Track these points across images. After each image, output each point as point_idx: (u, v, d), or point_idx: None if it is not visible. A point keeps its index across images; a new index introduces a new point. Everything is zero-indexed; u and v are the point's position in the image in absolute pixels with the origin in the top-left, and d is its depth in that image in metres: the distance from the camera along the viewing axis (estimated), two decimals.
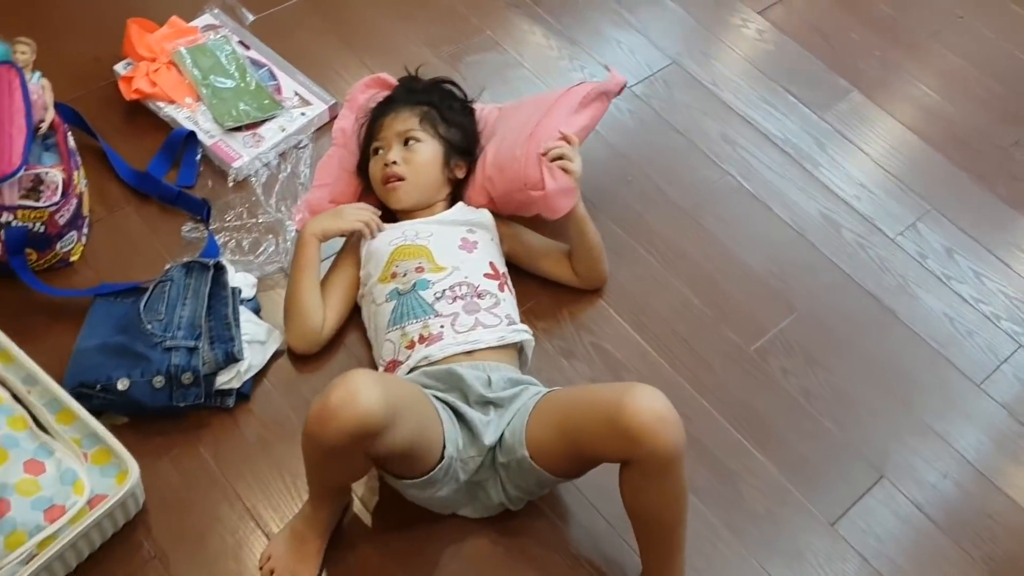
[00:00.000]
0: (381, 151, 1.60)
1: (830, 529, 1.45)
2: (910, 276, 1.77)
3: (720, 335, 1.64)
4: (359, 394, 1.11)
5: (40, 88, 1.57)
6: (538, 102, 1.66)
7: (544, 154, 1.53)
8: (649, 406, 1.17)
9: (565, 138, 1.55)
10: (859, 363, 1.64)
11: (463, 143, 1.63)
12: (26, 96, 1.49)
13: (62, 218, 1.51)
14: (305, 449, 1.24)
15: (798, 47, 2.14)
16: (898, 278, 1.77)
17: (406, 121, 1.60)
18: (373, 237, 1.56)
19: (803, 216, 1.83)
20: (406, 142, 1.59)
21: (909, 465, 1.53)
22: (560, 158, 1.52)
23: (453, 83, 1.71)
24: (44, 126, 1.55)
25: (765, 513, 1.46)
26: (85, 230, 1.62)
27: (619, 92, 1.67)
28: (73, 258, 1.59)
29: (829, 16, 2.22)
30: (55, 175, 1.51)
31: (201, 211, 1.65)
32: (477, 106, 1.72)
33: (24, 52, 1.58)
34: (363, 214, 1.57)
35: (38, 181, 1.51)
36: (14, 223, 1.46)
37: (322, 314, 1.52)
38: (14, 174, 1.43)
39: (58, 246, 1.55)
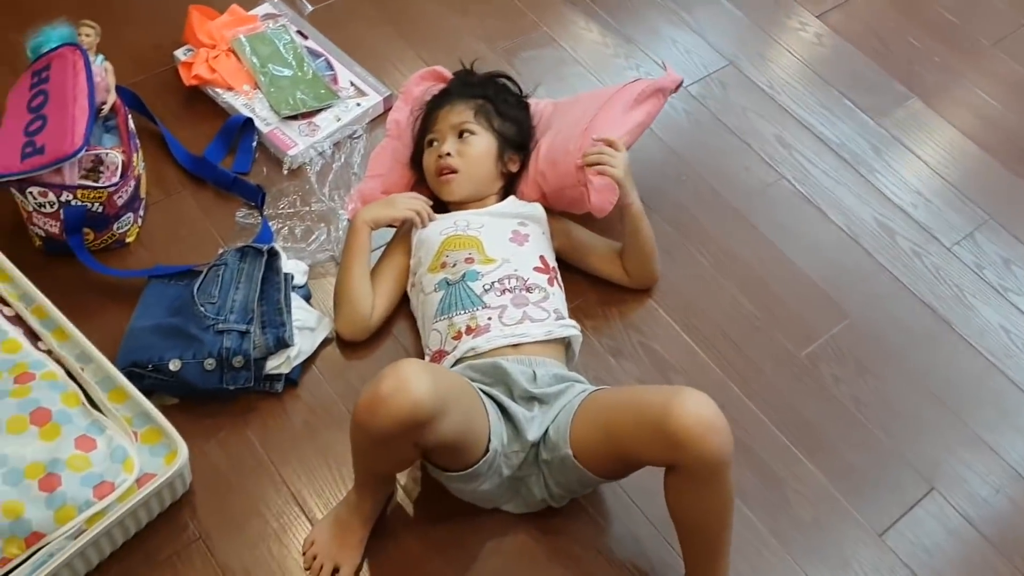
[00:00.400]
0: (435, 143, 1.60)
1: (878, 540, 1.42)
2: (966, 286, 1.74)
3: (771, 339, 1.62)
4: (409, 383, 1.11)
5: (103, 71, 1.60)
6: (593, 97, 1.66)
7: (582, 162, 1.52)
8: (697, 412, 1.15)
9: (608, 143, 1.52)
10: (911, 372, 1.61)
11: (517, 137, 1.63)
12: (90, 78, 1.51)
13: (120, 199, 1.53)
14: (353, 437, 1.24)
15: (856, 51, 2.11)
16: (954, 288, 1.73)
17: (461, 113, 1.60)
18: (424, 226, 1.56)
19: (858, 222, 1.81)
20: (461, 134, 1.59)
21: (960, 477, 1.50)
22: (597, 164, 1.50)
23: (508, 77, 1.71)
24: (106, 108, 1.58)
25: (812, 521, 1.43)
26: (141, 212, 1.64)
27: (675, 90, 1.66)
28: (129, 239, 1.61)
29: (889, 21, 2.19)
30: (115, 156, 1.54)
31: (256, 198, 1.67)
32: (532, 101, 1.72)
33: (88, 35, 1.61)
34: (415, 203, 1.57)
35: (98, 162, 1.53)
36: (74, 202, 1.48)
37: (371, 302, 1.52)
38: (75, 154, 1.45)
39: (115, 227, 1.57)
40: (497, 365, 1.36)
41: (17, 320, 1.41)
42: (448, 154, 1.57)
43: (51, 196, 1.47)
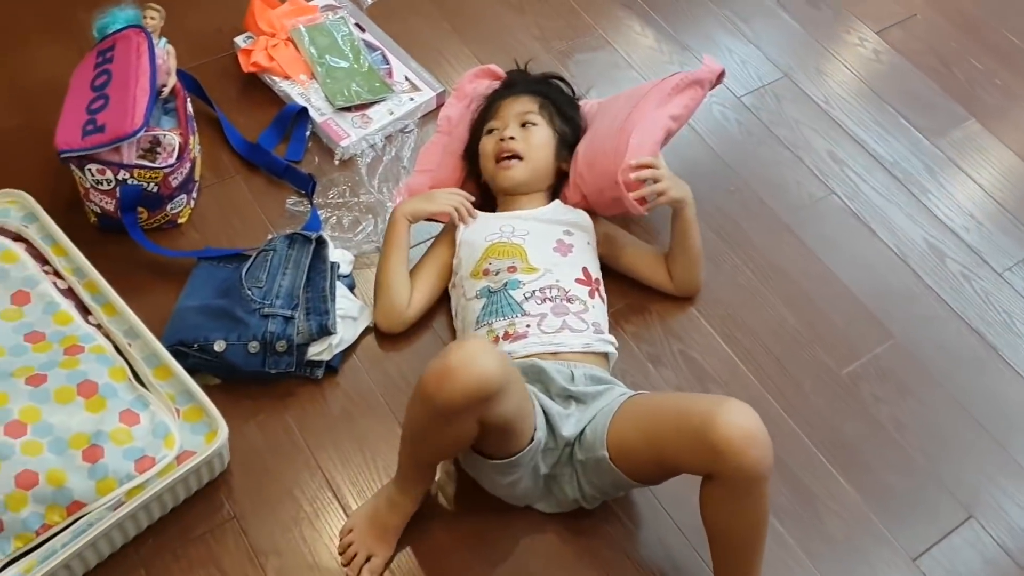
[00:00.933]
0: (496, 131, 1.61)
1: (911, 564, 1.41)
2: (1016, 313, 1.71)
3: (812, 355, 1.61)
4: (477, 356, 1.13)
5: (165, 53, 1.62)
6: (631, 95, 1.65)
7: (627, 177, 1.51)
8: (740, 422, 1.15)
9: (646, 165, 1.50)
10: (955, 397, 1.59)
11: (571, 139, 1.63)
12: (152, 60, 1.54)
13: (175, 180, 1.56)
14: (414, 414, 1.23)
15: (915, 70, 2.09)
16: (1003, 315, 1.70)
17: (525, 104, 1.61)
18: (463, 222, 1.57)
19: (907, 242, 1.78)
20: (523, 124, 1.59)
21: (1000, 507, 1.48)
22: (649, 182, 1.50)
23: (563, 79, 1.71)
24: (166, 90, 1.60)
25: (844, 540, 1.42)
26: (194, 194, 1.67)
27: (717, 82, 1.65)
28: (181, 220, 1.64)
29: (951, 41, 2.16)
30: (172, 138, 1.56)
31: (306, 186, 1.69)
32: (581, 103, 1.72)
33: (154, 18, 1.64)
34: (454, 198, 1.58)
35: (156, 143, 1.56)
36: (130, 181, 1.51)
37: (408, 294, 1.53)
38: (135, 134, 1.48)
39: (168, 207, 1.60)
40: (534, 364, 1.36)
41: (70, 293, 1.44)
42: (511, 137, 1.57)
43: (108, 174, 1.50)
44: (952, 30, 2.18)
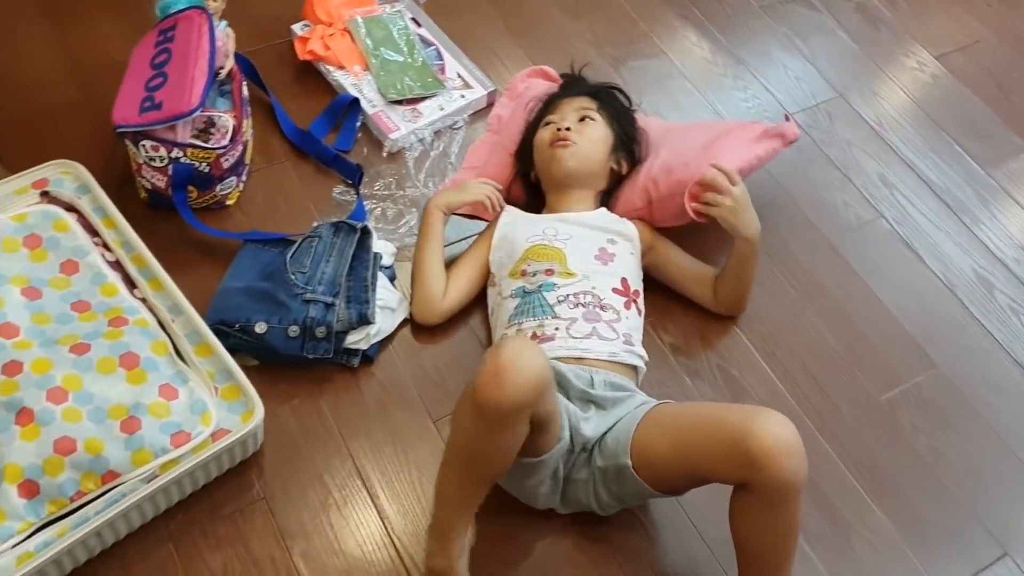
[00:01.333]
0: (554, 123, 1.61)
1: None
2: None
3: (852, 379, 1.59)
4: (526, 350, 1.13)
5: (225, 36, 1.64)
6: (713, 126, 1.68)
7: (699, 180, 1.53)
8: (777, 432, 1.15)
9: (726, 172, 1.51)
10: (995, 431, 1.56)
11: (628, 144, 1.63)
12: (212, 41, 1.55)
13: (227, 162, 1.57)
14: (467, 432, 1.16)
15: (974, 97, 2.06)
16: None
17: (584, 101, 1.63)
18: (495, 210, 1.58)
19: (955, 271, 1.76)
20: (582, 119, 1.60)
21: None
22: (709, 193, 1.51)
23: (619, 89, 1.71)
24: (223, 73, 1.62)
25: (874, 568, 1.40)
26: (244, 177, 1.68)
27: (792, 142, 1.66)
28: (229, 202, 1.66)
29: (1013, 69, 2.12)
30: (227, 120, 1.58)
31: (354, 176, 1.69)
32: (639, 115, 1.72)
33: (216, 0, 1.65)
34: (486, 188, 1.60)
35: (210, 124, 1.58)
36: (183, 160, 1.53)
37: (443, 286, 1.54)
38: (191, 113, 1.50)
39: (218, 188, 1.61)
40: (555, 367, 1.35)
41: (117, 266, 1.45)
42: (568, 128, 1.57)
43: (162, 151, 1.51)
44: (1015, 59, 2.15)
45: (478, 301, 1.60)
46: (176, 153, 1.52)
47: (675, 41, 2.07)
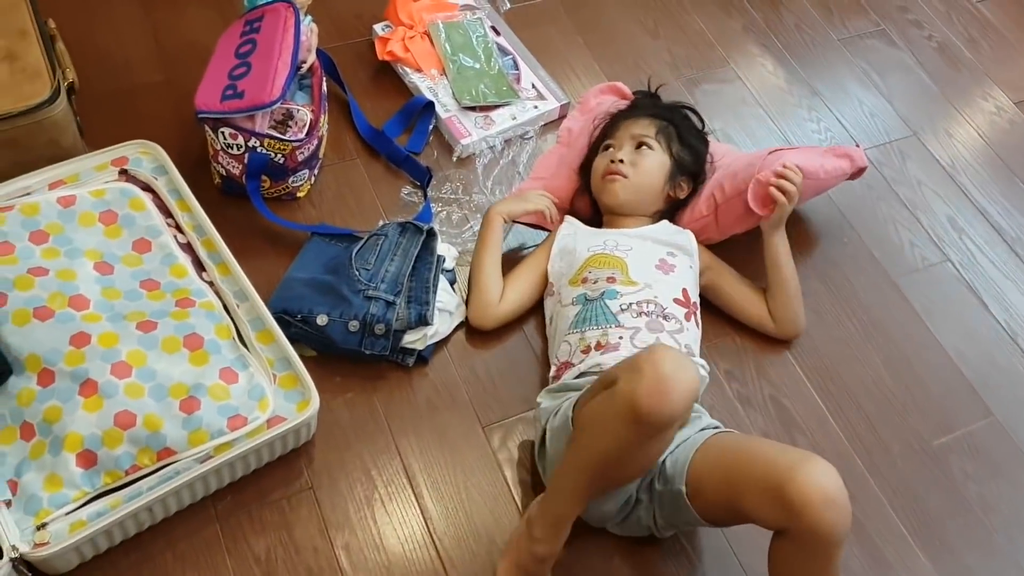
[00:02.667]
0: (611, 148, 1.62)
1: None
2: None
3: (905, 421, 1.57)
4: (685, 360, 1.14)
5: (309, 31, 1.67)
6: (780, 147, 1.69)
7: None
8: (820, 483, 1.12)
9: (791, 169, 1.54)
10: None
11: (693, 166, 1.63)
12: (297, 35, 1.58)
13: (301, 155, 1.60)
14: (620, 434, 1.16)
15: None
16: None
17: (643, 127, 1.63)
18: (551, 222, 1.61)
19: (1020, 321, 1.73)
20: (638, 146, 1.60)
21: None
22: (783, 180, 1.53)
23: (694, 110, 1.71)
24: (305, 67, 1.65)
25: None
26: (316, 171, 1.71)
27: (858, 174, 1.66)
28: (300, 194, 1.68)
29: None
30: (305, 114, 1.61)
31: (423, 178, 1.72)
32: (711, 139, 1.72)
33: None
34: (544, 200, 1.62)
35: (288, 116, 1.61)
36: (259, 149, 1.56)
37: (499, 291, 1.55)
38: (271, 104, 1.53)
39: (290, 180, 1.64)
40: None
41: (188, 248, 1.49)
42: (620, 160, 1.59)
43: (240, 139, 1.55)
44: None
45: (534, 310, 1.61)
46: (253, 142, 1.55)
47: (752, 68, 2.06)
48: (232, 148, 1.56)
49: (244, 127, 1.55)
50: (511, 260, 1.66)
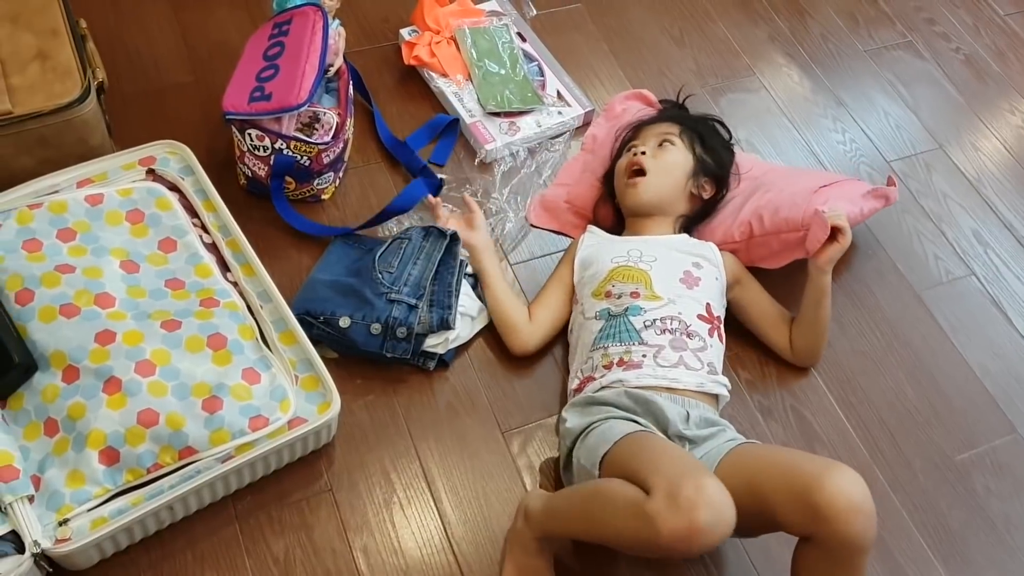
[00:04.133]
0: (634, 148, 1.62)
1: None
2: None
3: (927, 435, 1.56)
4: (724, 511, 1.09)
5: (337, 35, 1.68)
6: (817, 174, 1.71)
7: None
8: (848, 490, 1.12)
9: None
10: None
11: (716, 169, 1.63)
12: (325, 39, 1.59)
13: (327, 158, 1.61)
14: (636, 545, 1.16)
15: None
16: None
17: (667, 127, 1.63)
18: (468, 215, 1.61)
19: None
20: (661, 144, 1.60)
21: None
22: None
23: (721, 122, 1.71)
24: (332, 70, 1.66)
25: None
26: (341, 173, 1.71)
27: (890, 203, 1.67)
28: (324, 196, 1.69)
29: None
30: (331, 117, 1.61)
31: (433, 188, 1.70)
32: (736, 150, 1.72)
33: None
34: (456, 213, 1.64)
35: (315, 119, 1.61)
36: (286, 151, 1.56)
37: (523, 313, 1.55)
38: (299, 107, 1.53)
39: (315, 182, 1.65)
40: (653, 401, 1.35)
41: (213, 248, 1.49)
42: (643, 152, 1.58)
43: (267, 141, 1.55)
44: None
45: None
46: (280, 144, 1.56)
47: (777, 78, 2.06)
48: (258, 150, 1.57)
49: (271, 129, 1.55)
50: (536, 266, 1.67)
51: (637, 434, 1.28)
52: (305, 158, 1.58)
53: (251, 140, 1.56)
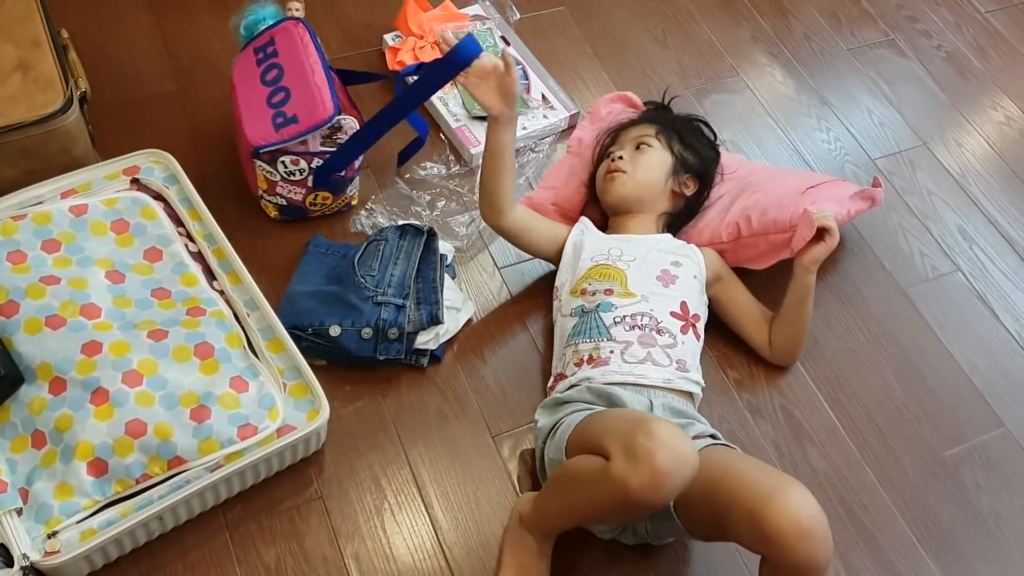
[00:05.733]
0: (612, 155, 1.64)
1: None
2: None
3: (916, 431, 1.57)
4: (681, 451, 1.10)
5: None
6: (803, 175, 1.72)
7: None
8: (795, 515, 1.09)
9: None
10: None
11: (697, 165, 1.64)
12: (319, 48, 1.57)
13: (357, 162, 1.60)
14: (603, 506, 1.19)
15: None
16: None
17: (642, 130, 1.65)
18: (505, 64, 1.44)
19: None
20: (638, 147, 1.62)
21: None
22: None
23: (705, 123, 1.71)
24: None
25: None
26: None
27: (875, 204, 1.69)
28: (354, 202, 1.69)
29: None
30: (352, 122, 1.57)
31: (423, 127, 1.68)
32: (721, 150, 1.72)
33: (298, 9, 1.65)
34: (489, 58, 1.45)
35: (335, 129, 1.56)
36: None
37: (511, 197, 1.53)
38: (331, 119, 1.49)
39: (348, 190, 1.65)
40: (613, 393, 1.35)
41: (199, 257, 1.49)
42: (620, 157, 1.60)
43: (302, 163, 1.53)
44: None
45: (538, 309, 1.63)
46: (316, 163, 1.54)
47: (761, 78, 2.06)
48: (294, 175, 1.55)
49: (302, 151, 1.53)
50: (517, 272, 1.68)
51: (594, 413, 1.30)
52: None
53: (285, 167, 1.54)
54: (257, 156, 1.52)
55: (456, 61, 1.42)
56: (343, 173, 1.58)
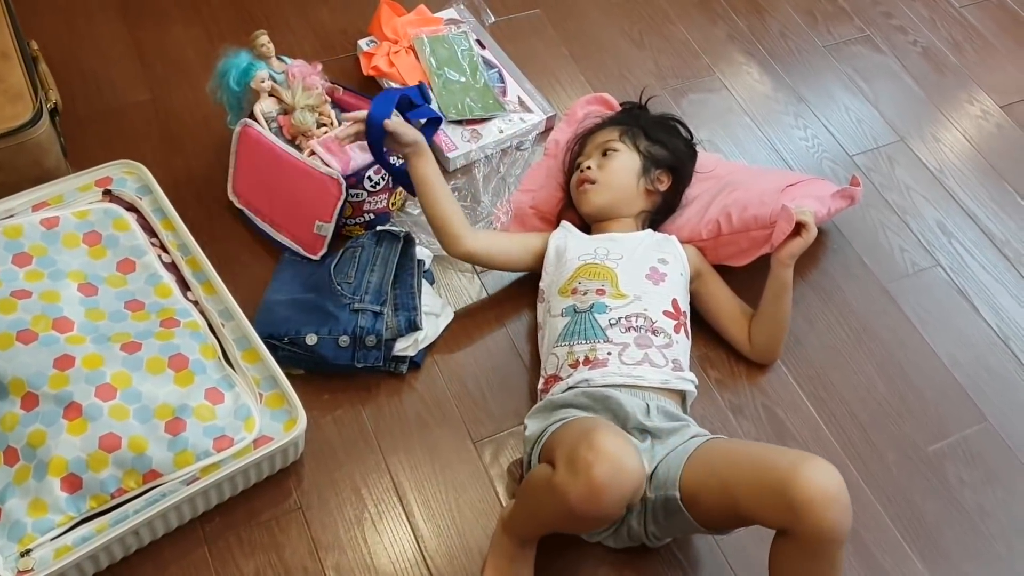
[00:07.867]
0: (580, 164, 1.63)
1: None
2: None
3: (899, 427, 1.56)
4: (623, 461, 1.10)
5: (302, 64, 1.63)
6: (783, 173, 1.74)
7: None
8: (823, 482, 1.12)
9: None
10: None
11: (668, 159, 1.63)
12: (272, 134, 1.59)
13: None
14: (552, 515, 1.20)
15: None
16: None
17: (607, 134, 1.65)
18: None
19: (1011, 325, 1.72)
20: (604, 153, 1.62)
21: None
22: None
23: (680, 122, 1.70)
24: (320, 91, 1.63)
25: None
26: None
27: (855, 203, 1.70)
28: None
29: None
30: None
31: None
32: (699, 149, 1.72)
33: (264, 44, 1.62)
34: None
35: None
36: (398, 163, 1.58)
37: (462, 221, 1.52)
38: (358, 171, 1.57)
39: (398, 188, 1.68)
40: (610, 396, 1.35)
41: (172, 267, 1.48)
42: (588, 167, 1.60)
43: (382, 171, 1.58)
44: None
45: (520, 313, 1.62)
46: (393, 159, 1.57)
47: (738, 76, 2.06)
48: (379, 184, 1.60)
49: (370, 164, 1.58)
50: (496, 275, 1.66)
51: (568, 420, 1.30)
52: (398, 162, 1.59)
53: (371, 182, 1.59)
54: (350, 189, 1.56)
55: (373, 133, 1.47)
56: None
